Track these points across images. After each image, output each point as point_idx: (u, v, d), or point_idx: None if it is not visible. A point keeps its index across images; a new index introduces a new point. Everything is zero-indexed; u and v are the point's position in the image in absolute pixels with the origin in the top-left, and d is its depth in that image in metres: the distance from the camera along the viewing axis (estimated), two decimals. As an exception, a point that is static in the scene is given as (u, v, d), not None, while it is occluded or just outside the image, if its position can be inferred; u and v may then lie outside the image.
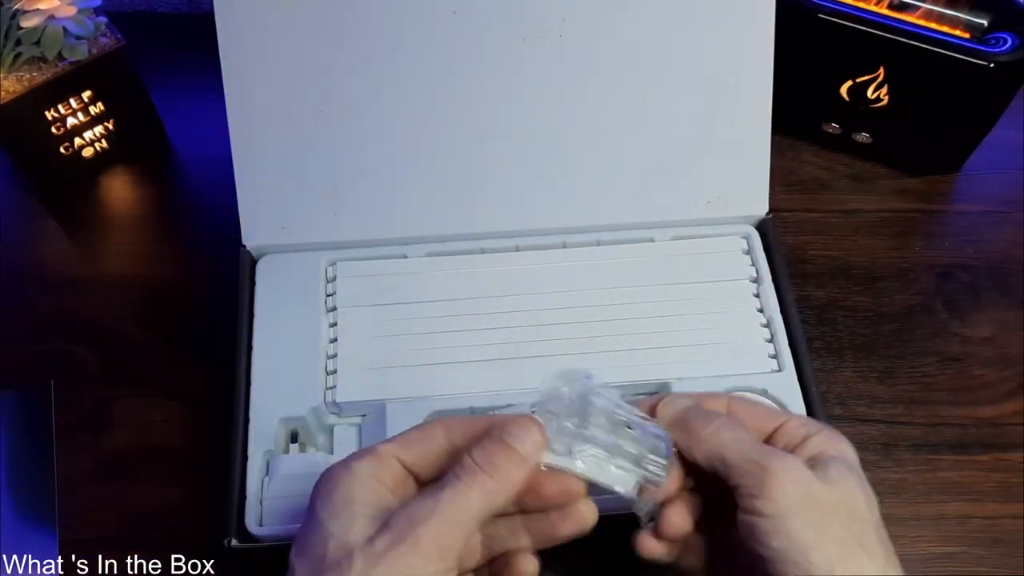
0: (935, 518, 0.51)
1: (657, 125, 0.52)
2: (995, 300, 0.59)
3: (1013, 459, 0.53)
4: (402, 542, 0.32)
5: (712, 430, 0.36)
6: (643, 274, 0.52)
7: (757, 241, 0.54)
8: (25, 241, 0.61)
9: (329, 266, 0.53)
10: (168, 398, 0.54)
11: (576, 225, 0.53)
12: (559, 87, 0.51)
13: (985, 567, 0.49)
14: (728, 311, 0.51)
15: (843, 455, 0.36)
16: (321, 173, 0.52)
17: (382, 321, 0.50)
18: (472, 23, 0.49)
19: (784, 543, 0.33)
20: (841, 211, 0.63)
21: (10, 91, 0.56)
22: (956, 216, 0.64)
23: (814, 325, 0.58)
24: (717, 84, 0.52)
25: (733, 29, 0.51)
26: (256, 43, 0.49)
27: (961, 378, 0.56)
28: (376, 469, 0.34)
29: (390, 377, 0.48)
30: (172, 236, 0.61)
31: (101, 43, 0.58)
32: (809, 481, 0.34)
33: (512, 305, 0.51)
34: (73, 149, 0.61)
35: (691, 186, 0.53)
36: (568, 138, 0.52)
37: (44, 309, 0.58)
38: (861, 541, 0.34)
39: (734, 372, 0.49)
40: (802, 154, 0.66)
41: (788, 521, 0.34)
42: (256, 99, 0.50)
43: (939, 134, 0.62)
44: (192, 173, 0.65)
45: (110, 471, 0.51)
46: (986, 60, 0.56)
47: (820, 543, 0.33)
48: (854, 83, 0.61)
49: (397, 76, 0.50)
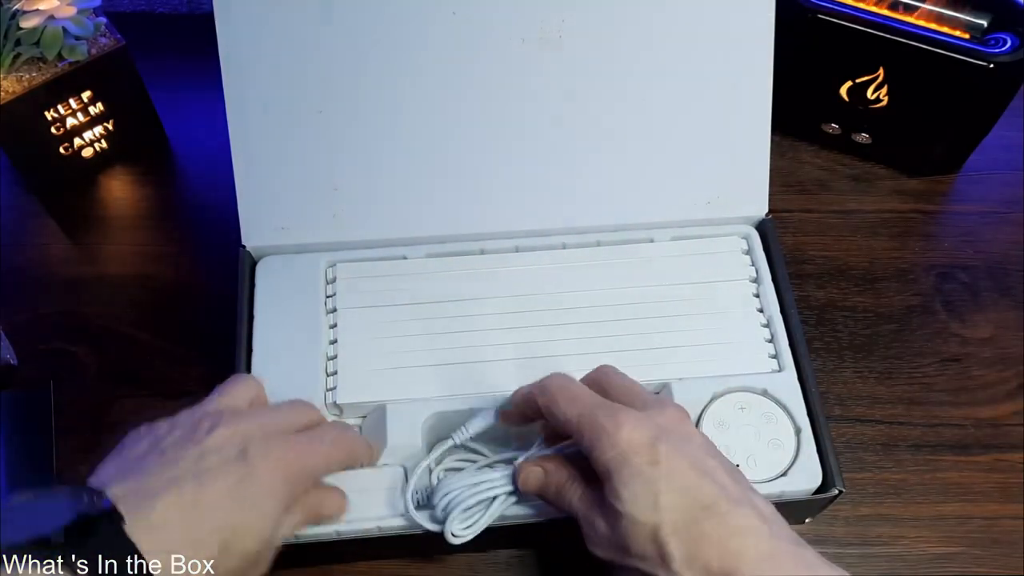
0: (935, 518, 0.51)
1: (657, 125, 0.52)
2: (995, 300, 0.59)
3: (1013, 459, 0.53)
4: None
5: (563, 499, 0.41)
6: (643, 275, 0.52)
7: (757, 241, 0.54)
8: (25, 241, 0.61)
9: (329, 267, 0.53)
10: (168, 398, 0.54)
11: (576, 226, 0.53)
12: (559, 88, 0.51)
13: (985, 567, 0.49)
14: (728, 311, 0.51)
15: (612, 458, 0.38)
16: (321, 173, 0.52)
17: (382, 322, 0.50)
18: (472, 24, 0.49)
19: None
20: (840, 211, 0.63)
21: (10, 91, 0.56)
22: (956, 216, 0.64)
23: (814, 325, 0.58)
24: (717, 84, 0.52)
25: (733, 29, 0.51)
26: (256, 43, 0.49)
27: (961, 378, 0.56)
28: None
29: (390, 378, 0.48)
30: (172, 236, 0.62)
31: (101, 43, 0.58)
32: (610, 511, 0.38)
33: (512, 306, 0.51)
34: (73, 149, 0.61)
35: (691, 186, 0.53)
36: (568, 139, 0.52)
37: (44, 309, 0.58)
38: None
39: (734, 372, 0.49)
40: (802, 154, 0.66)
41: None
42: (256, 99, 0.50)
43: (939, 134, 0.62)
44: (192, 173, 0.65)
45: (110, 471, 0.51)
46: (986, 60, 0.56)
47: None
48: (854, 83, 0.61)
49: (397, 77, 0.50)
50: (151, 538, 0.34)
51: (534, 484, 0.42)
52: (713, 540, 0.36)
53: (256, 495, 0.38)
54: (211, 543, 0.36)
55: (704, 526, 0.36)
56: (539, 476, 0.42)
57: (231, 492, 0.37)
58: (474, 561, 0.49)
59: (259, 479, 0.38)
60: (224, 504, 0.37)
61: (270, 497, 0.38)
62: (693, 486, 0.37)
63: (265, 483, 0.38)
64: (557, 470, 0.41)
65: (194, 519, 0.36)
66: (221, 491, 0.37)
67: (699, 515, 0.36)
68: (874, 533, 0.51)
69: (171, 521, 0.35)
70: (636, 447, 0.37)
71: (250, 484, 0.38)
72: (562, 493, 0.41)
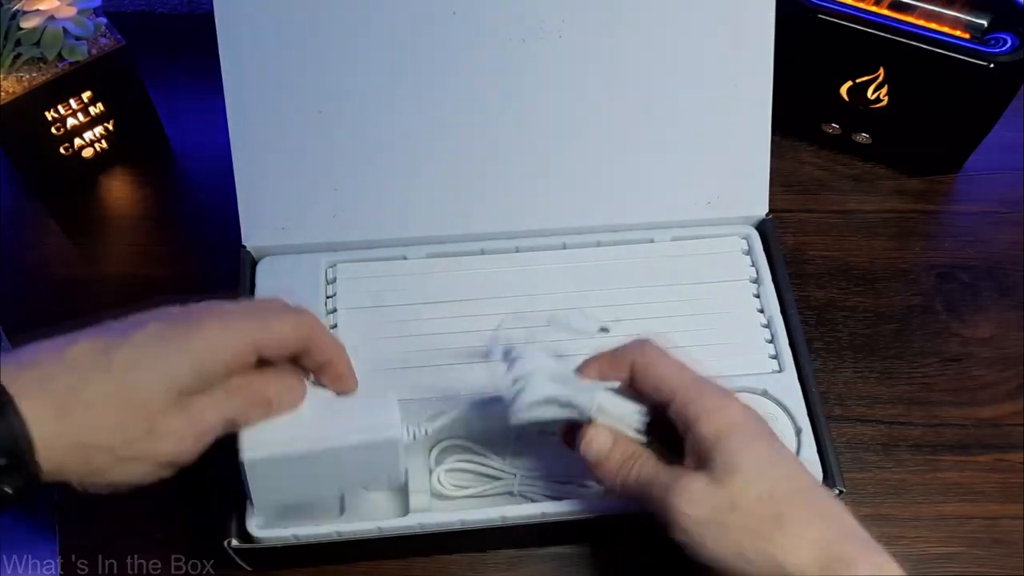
0: (935, 518, 0.51)
1: (657, 125, 0.52)
2: (995, 300, 0.59)
3: (1013, 459, 0.53)
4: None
5: (627, 474, 0.40)
6: (643, 275, 0.52)
7: (757, 242, 0.54)
8: (25, 241, 0.61)
9: (329, 267, 0.53)
10: (168, 398, 0.54)
11: (576, 226, 0.53)
12: (559, 88, 0.51)
13: (985, 567, 0.49)
14: (728, 311, 0.51)
15: (725, 429, 0.38)
16: (321, 174, 0.52)
17: (382, 322, 0.50)
18: (472, 23, 0.49)
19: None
20: (841, 211, 0.63)
21: (10, 91, 0.56)
22: (956, 216, 0.64)
23: (814, 325, 0.58)
24: (717, 84, 0.52)
25: (733, 29, 0.51)
26: (256, 43, 0.49)
27: (961, 378, 0.56)
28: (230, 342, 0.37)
29: (391, 378, 0.48)
30: (172, 236, 0.61)
31: (101, 43, 0.58)
32: (702, 490, 0.37)
33: (512, 306, 0.51)
34: (73, 149, 0.61)
35: (691, 186, 0.53)
36: (568, 139, 0.52)
37: (44, 309, 0.58)
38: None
39: (734, 372, 0.49)
40: (802, 154, 0.66)
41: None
42: (256, 99, 0.50)
43: (939, 134, 0.62)
44: (192, 173, 0.65)
45: (110, 471, 0.51)
46: (986, 60, 0.56)
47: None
48: (854, 83, 0.61)
49: (397, 77, 0.50)
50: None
51: (599, 447, 0.41)
52: (830, 515, 0.38)
53: (140, 365, 0.34)
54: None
55: (813, 496, 0.38)
56: (606, 441, 0.41)
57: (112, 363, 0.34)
58: (474, 561, 0.49)
59: (147, 347, 0.35)
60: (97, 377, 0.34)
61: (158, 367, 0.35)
62: (796, 463, 0.39)
63: (152, 352, 0.35)
64: (626, 441, 0.41)
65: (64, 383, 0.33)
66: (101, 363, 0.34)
67: (807, 487, 0.38)
68: (874, 533, 0.50)
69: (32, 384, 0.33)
70: (745, 422, 0.39)
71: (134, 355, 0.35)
72: (629, 463, 0.40)
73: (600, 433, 0.41)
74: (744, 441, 0.38)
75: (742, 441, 0.38)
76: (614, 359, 0.42)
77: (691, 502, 0.37)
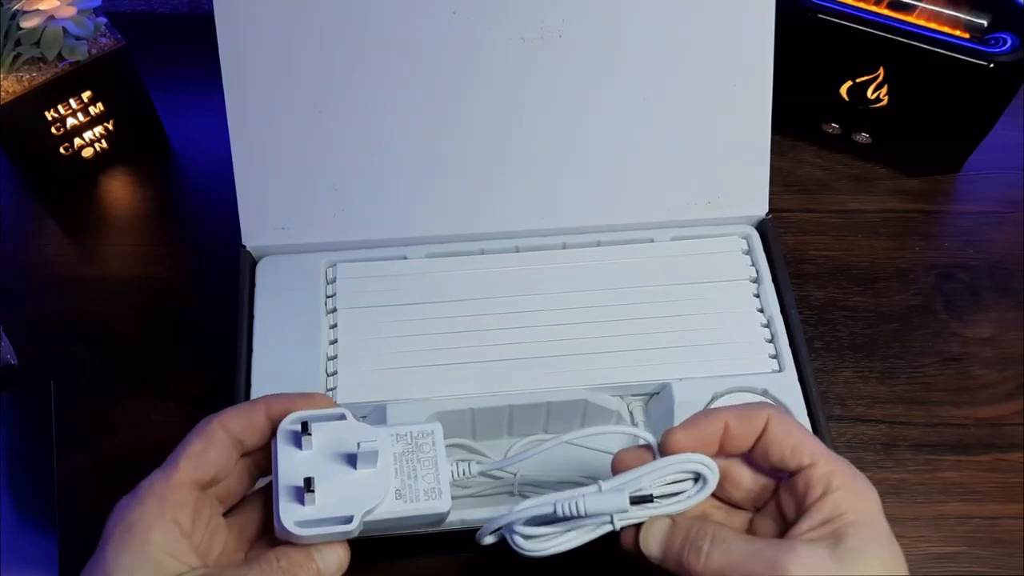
0: (935, 518, 0.51)
1: (657, 125, 0.52)
2: (995, 300, 0.59)
3: (1013, 459, 0.53)
4: None
5: (706, 559, 0.36)
6: (643, 275, 0.52)
7: (757, 241, 0.54)
8: (25, 241, 0.61)
9: (329, 267, 0.53)
10: (168, 398, 0.54)
11: (576, 226, 0.53)
12: (559, 87, 0.51)
13: (985, 567, 0.49)
14: (728, 311, 0.51)
15: (864, 514, 0.36)
16: (321, 174, 0.52)
17: (382, 322, 0.50)
18: (472, 23, 0.49)
19: None
20: (841, 211, 0.63)
21: (10, 91, 0.56)
22: (956, 216, 0.64)
23: (814, 325, 0.58)
24: (717, 84, 0.52)
25: (733, 29, 0.51)
26: (256, 43, 0.49)
27: (961, 378, 0.56)
28: (167, 509, 0.34)
29: (391, 378, 0.48)
30: (172, 236, 0.61)
31: (101, 43, 0.58)
32: (824, 566, 0.35)
33: (512, 306, 0.51)
34: (73, 149, 0.61)
35: (691, 186, 0.53)
36: (568, 138, 0.52)
37: (44, 309, 0.58)
38: None
39: (734, 372, 0.49)
40: (802, 154, 0.66)
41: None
42: (256, 99, 0.50)
43: (939, 134, 0.62)
44: (192, 173, 0.65)
45: (110, 472, 0.51)
46: (986, 60, 0.56)
47: None
48: (854, 83, 0.61)
49: (397, 76, 0.50)
50: None
51: (658, 539, 0.37)
52: None
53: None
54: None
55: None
56: (665, 528, 0.37)
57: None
58: (475, 561, 0.49)
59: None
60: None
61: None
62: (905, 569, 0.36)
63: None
64: (686, 519, 0.38)
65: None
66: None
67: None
68: (874, 533, 0.51)
69: None
70: (880, 513, 0.37)
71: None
72: (698, 540, 0.37)
73: (654, 524, 0.38)
74: (877, 534, 0.36)
75: (876, 533, 0.36)
76: (747, 415, 0.38)
77: (804, 566, 0.35)
